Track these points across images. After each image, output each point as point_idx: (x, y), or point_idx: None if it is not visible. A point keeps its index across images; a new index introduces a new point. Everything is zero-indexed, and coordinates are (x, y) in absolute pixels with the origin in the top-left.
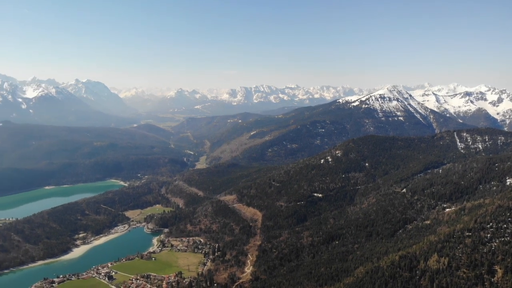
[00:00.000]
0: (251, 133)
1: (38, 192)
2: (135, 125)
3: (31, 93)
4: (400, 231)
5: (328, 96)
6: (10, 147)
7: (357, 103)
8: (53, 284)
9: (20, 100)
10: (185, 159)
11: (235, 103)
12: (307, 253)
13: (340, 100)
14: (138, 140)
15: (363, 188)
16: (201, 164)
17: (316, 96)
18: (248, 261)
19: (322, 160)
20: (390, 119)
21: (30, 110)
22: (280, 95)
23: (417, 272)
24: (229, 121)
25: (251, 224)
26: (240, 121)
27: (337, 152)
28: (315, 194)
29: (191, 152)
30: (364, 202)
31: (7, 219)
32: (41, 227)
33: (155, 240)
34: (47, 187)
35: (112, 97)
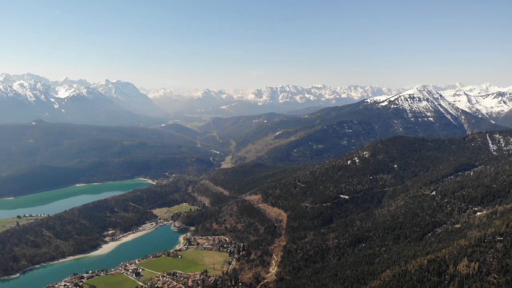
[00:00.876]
0: (277, 133)
1: (69, 190)
2: (163, 125)
3: (63, 93)
4: (429, 234)
5: (356, 96)
6: (43, 146)
7: (385, 103)
8: (83, 280)
9: (52, 100)
10: (211, 159)
11: (260, 103)
12: (332, 255)
13: (368, 100)
14: (166, 140)
15: (391, 190)
16: (226, 164)
17: (343, 96)
18: (273, 261)
19: (349, 161)
20: (420, 119)
21: (62, 110)
22: (306, 95)
23: (446, 276)
24: (254, 121)
25: (276, 224)
26: (265, 121)
27: (364, 153)
28: (342, 196)
29: (217, 152)
30: (392, 204)
31: (39, 215)
32: (72, 223)
33: (181, 238)
34: (78, 185)
35: (141, 97)
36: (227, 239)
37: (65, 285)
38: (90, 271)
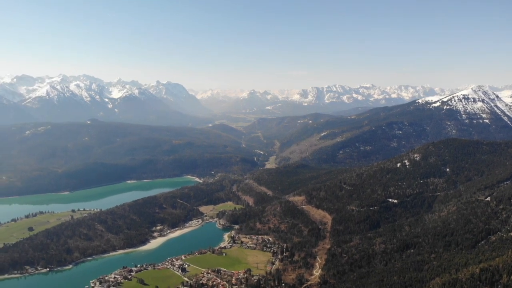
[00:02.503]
0: (322, 134)
1: (120, 186)
2: (210, 125)
3: (116, 93)
4: (482, 242)
5: (407, 96)
6: (97, 143)
7: (438, 103)
8: (131, 273)
9: (106, 100)
10: (255, 159)
11: (306, 104)
12: (379, 260)
13: (420, 101)
14: (213, 139)
15: (442, 195)
16: (270, 164)
17: (393, 96)
18: (317, 264)
19: (398, 164)
20: (474, 121)
21: (115, 109)
22: (354, 95)
23: (499, 287)
24: (299, 121)
25: (320, 226)
26: (310, 121)
27: (415, 155)
28: (390, 200)
29: (261, 152)
30: (443, 209)
31: (92, 209)
32: (123, 218)
33: (226, 236)
34: (129, 181)
35: (190, 98)
36: (270, 239)
37: (115, 277)
38: (139, 265)
